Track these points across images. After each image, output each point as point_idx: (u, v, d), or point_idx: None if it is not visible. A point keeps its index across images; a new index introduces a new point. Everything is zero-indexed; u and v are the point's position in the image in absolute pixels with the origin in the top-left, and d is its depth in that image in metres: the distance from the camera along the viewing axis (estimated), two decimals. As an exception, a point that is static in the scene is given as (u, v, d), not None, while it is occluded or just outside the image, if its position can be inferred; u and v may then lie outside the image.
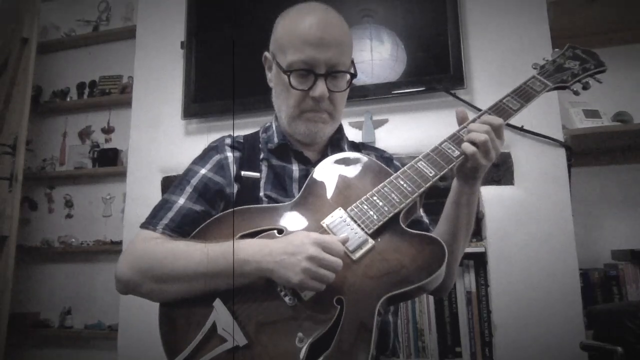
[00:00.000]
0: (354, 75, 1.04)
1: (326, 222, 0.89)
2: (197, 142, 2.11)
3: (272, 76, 1.06)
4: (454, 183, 0.99)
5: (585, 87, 1.04)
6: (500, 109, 0.96)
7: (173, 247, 0.90)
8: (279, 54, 1.01)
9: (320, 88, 0.98)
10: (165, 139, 2.33)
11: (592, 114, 1.91)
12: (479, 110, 1.89)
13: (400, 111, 2.04)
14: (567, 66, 1.05)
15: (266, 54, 1.07)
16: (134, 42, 2.52)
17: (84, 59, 3.01)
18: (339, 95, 1.02)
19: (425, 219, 1.10)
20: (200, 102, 2.27)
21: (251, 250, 0.84)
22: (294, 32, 0.98)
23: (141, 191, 2.29)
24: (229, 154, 1.05)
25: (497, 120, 0.91)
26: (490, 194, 1.87)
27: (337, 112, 1.04)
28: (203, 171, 1.02)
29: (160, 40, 2.44)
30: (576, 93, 1.03)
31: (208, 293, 0.86)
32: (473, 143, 0.89)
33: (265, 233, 0.90)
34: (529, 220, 1.82)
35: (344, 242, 0.84)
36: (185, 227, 0.95)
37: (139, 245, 0.93)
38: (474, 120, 0.94)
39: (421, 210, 1.06)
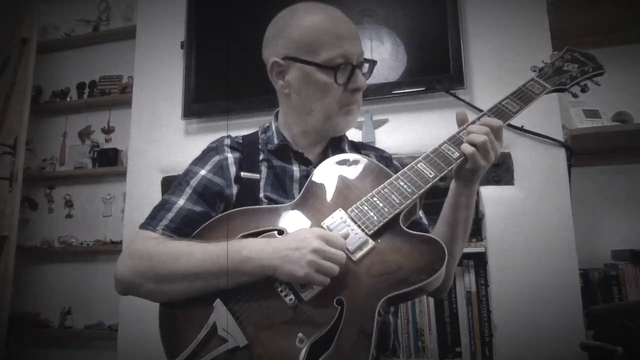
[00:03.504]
0: (375, 63, 1.07)
1: (326, 223, 0.89)
2: (197, 142, 2.11)
3: (291, 81, 1.02)
4: (452, 185, 0.99)
5: (584, 89, 1.04)
6: (500, 111, 0.96)
7: (174, 246, 0.90)
8: (306, 54, 0.99)
9: (361, 78, 1.02)
10: (165, 139, 2.33)
11: (592, 114, 1.91)
12: (479, 110, 1.90)
13: (400, 111, 2.04)
14: (565, 69, 1.05)
15: (277, 60, 1.02)
16: (134, 42, 2.52)
17: (84, 59, 3.01)
18: None
19: (424, 220, 1.10)
20: (200, 102, 2.27)
21: (254, 248, 0.85)
22: (324, 29, 0.98)
23: (141, 191, 2.29)
24: (229, 155, 1.05)
25: (496, 122, 0.92)
26: (490, 194, 1.87)
27: (361, 101, 1.06)
28: (202, 172, 1.02)
29: (160, 40, 2.43)
30: (575, 96, 1.04)
31: (209, 293, 0.86)
32: (472, 144, 0.89)
33: (266, 234, 0.90)
34: (529, 220, 1.82)
35: (345, 237, 0.85)
36: (185, 228, 0.95)
37: (139, 246, 0.93)
38: (473, 122, 0.94)
39: (420, 211, 1.06)
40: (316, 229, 0.86)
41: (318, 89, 1.00)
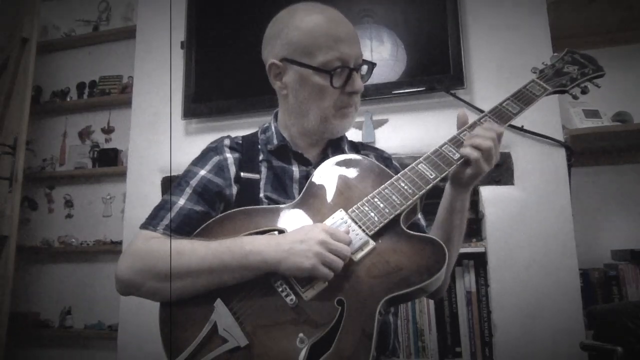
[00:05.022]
0: (374, 65, 1.06)
1: (327, 223, 0.89)
2: (197, 142, 2.11)
3: (288, 82, 1.02)
4: (447, 189, 0.99)
5: (584, 91, 1.04)
6: (500, 112, 0.96)
7: (176, 244, 0.90)
8: (303, 56, 0.98)
9: (359, 82, 1.01)
10: (165, 139, 2.33)
11: (592, 114, 1.91)
12: (479, 110, 1.91)
13: (400, 111, 2.04)
14: (566, 70, 1.05)
15: (275, 61, 1.02)
16: (134, 42, 2.52)
17: (84, 59, 3.01)
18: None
19: (422, 222, 1.10)
20: (200, 102, 2.27)
21: (257, 243, 0.85)
22: (321, 31, 0.97)
23: (141, 191, 2.29)
24: (228, 155, 1.05)
25: (500, 128, 0.92)
26: (490, 194, 1.87)
27: (359, 103, 1.05)
28: (202, 172, 1.02)
29: (160, 40, 2.43)
30: (575, 97, 1.04)
31: (210, 291, 0.86)
32: (478, 148, 0.89)
33: (267, 234, 0.90)
34: (529, 220, 1.82)
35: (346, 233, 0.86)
36: (185, 227, 0.95)
37: (139, 245, 0.93)
38: (474, 123, 0.95)
39: (419, 213, 1.06)
40: (320, 224, 0.87)
41: (314, 92, 0.99)
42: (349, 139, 1.17)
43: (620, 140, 1.93)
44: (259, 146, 1.08)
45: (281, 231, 0.90)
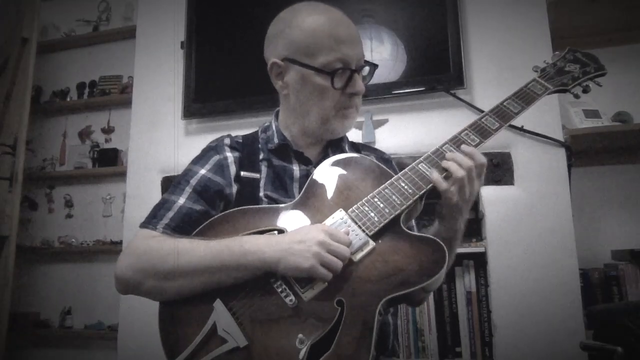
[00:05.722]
0: (376, 66, 1.06)
1: (327, 223, 0.89)
2: (197, 142, 2.11)
3: (289, 82, 1.02)
4: (436, 222, 0.99)
5: (586, 90, 1.04)
6: (501, 111, 0.96)
7: (176, 243, 0.90)
8: (304, 57, 0.98)
9: (360, 83, 1.00)
10: (165, 139, 2.33)
11: (592, 114, 1.91)
12: (479, 110, 1.90)
13: (400, 111, 2.04)
14: (567, 69, 1.05)
15: (276, 61, 1.02)
16: (134, 42, 2.52)
17: (84, 59, 3.01)
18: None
19: (415, 229, 1.09)
20: (200, 102, 2.27)
21: (255, 242, 0.85)
22: (323, 32, 0.97)
23: (141, 191, 2.29)
24: (228, 154, 1.05)
25: (482, 158, 0.89)
26: (490, 194, 1.87)
27: (360, 104, 1.05)
28: (202, 171, 1.01)
29: (160, 40, 2.43)
30: (576, 96, 1.03)
31: (209, 291, 0.86)
32: (449, 175, 0.87)
33: (266, 234, 0.90)
34: (529, 220, 1.82)
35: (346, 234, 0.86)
36: (185, 226, 0.95)
37: (139, 244, 0.93)
38: (474, 123, 0.95)
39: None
40: (320, 224, 0.87)
41: (315, 92, 0.99)
42: (350, 139, 1.17)
43: (620, 140, 1.92)
44: (259, 145, 1.08)
45: (281, 231, 0.90)
